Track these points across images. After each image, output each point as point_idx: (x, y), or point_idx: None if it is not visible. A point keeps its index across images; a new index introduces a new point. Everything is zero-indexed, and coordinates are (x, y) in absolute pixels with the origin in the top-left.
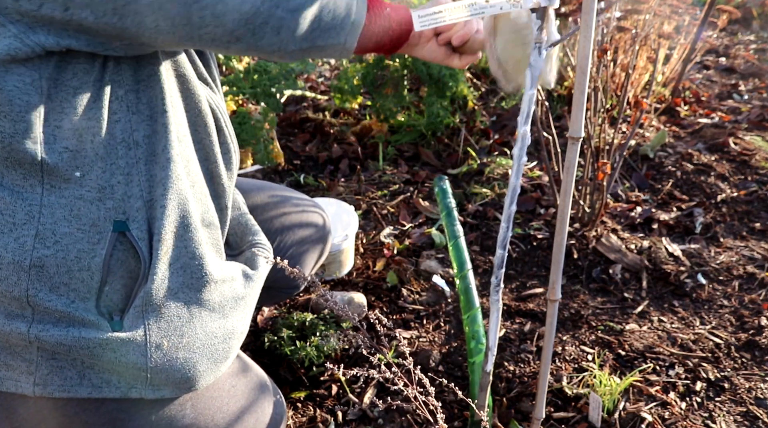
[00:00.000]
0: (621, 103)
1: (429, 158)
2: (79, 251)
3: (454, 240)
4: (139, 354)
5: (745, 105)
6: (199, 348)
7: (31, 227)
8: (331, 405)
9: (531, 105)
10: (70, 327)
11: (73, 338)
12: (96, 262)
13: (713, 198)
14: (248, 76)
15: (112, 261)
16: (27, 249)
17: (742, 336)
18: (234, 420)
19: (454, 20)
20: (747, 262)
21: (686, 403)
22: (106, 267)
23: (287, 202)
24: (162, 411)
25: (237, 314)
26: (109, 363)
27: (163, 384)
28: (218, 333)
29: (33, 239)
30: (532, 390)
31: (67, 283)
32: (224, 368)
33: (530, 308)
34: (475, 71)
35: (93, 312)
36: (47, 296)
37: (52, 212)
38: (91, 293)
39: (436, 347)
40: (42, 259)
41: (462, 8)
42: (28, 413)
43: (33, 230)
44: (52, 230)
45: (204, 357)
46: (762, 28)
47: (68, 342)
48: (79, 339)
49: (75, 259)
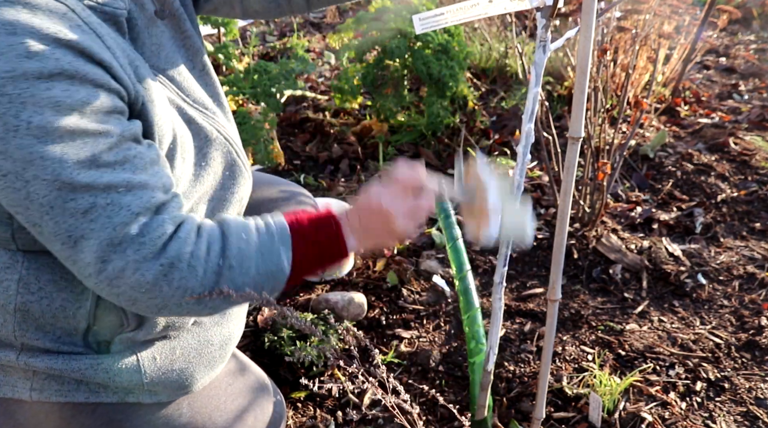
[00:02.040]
0: (621, 104)
1: (429, 158)
2: (63, 300)
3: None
4: (133, 371)
5: (745, 105)
6: (195, 358)
7: (14, 272)
8: (331, 405)
9: (535, 103)
10: (60, 355)
11: (64, 363)
12: (81, 312)
13: (713, 198)
14: (248, 76)
15: (99, 311)
16: (11, 294)
17: (742, 336)
18: (232, 418)
19: (455, 22)
20: (747, 262)
21: (686, 403)
22: (92, 316)
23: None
24: (159, 411)
25: (234, 320)
26: (104, 380)
27: (161, 391)
28: (215, 341)
29: (16, 284)
30: (532, 390)
31: (53, 324)
32: (220, 369)
33: (530, 308)
34: (475, 71)
35: (80, 345)
36: (34, 335)
37: (36, 257)
38: (78, 331)
39: (437, 347)
40: (26, 304)
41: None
42: (25, 417)
43: (16, 275)
44: (36, 276)
45: (201, 365)
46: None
47: (59, 367)
48: (70, 364)
49: (60, 308)
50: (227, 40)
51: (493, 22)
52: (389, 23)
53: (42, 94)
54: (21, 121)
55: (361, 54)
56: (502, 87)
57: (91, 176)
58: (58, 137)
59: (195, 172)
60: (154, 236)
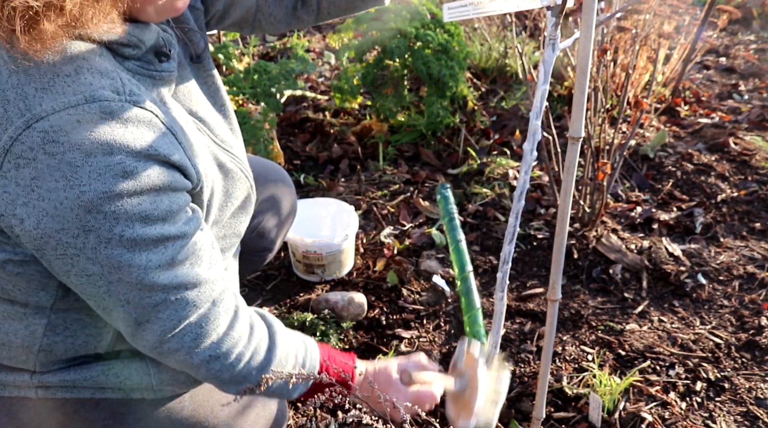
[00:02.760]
0: (621, 104)
1: (429, 158)
2: (87, 336)
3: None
4: (143, 374)
5: (745, 105)
6: None
7: (42, 317)
8: (331, 405)
9: (543, 101)
10: (71, 368)
11: (76, 374)
12: (102, 345)
13: (713, 198)
14: (248, 76)
15: (118, 341)
16: (38, 337)
17: (742, 335)
18: (234, 413)
19: (478, 14)
20: (747, 262)
21: (686, 403)
22: (111, 345)
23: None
24: (162, 404)
25: None
26: (114, 384)
27: (167, 387)
28: None
29: (44, 328)
30: (532, 390)
31: (73, 355)
32: None
33: (530, 308)
34: (475, 71)
35: (92, 356)
36: (52, 364)
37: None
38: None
39: (437, 347)
40: (51, 345)
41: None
42: (29, 415)
43: (45, 319)
44: (63, 318)
45: None
46: (762, 28)
47: (71, 378)
48: (81, 374)
49: (83, 343)
50: (227, 40)
51: (493, 22)
52: (389, 23)
53: (133, 209)
54: (113, 234)
55: (361, 54)
56: (502, 87)
57: (168, 278)
58: (145, 246)
59: (218, 215)
60: (211, 328)
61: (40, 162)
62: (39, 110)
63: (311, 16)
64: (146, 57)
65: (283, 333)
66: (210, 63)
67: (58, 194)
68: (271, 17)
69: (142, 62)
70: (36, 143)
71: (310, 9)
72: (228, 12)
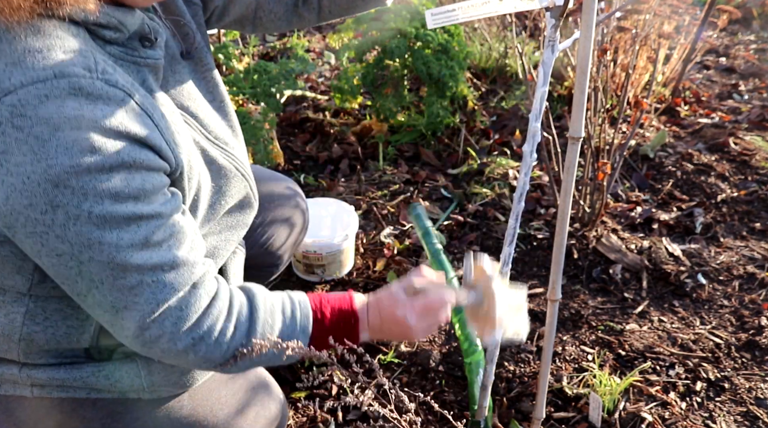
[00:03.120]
0: (621, 104)
1: (429, 158)
2: (68, 327)
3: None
4: (134, 376)
5: (745, 105)
6: None
7: (21, 305)
8: (331, 405)
9: (543, 102)
10: (62, 366)
11: (66, 373)
12: (85, 337)
13: (713, 198)
14: (248, 76)
15: (101, 333)
16: (17, 325)
17: (742, 335)
18: (233, 412)
19: (466, 19)
20: (747, 262)
21: (686, 403)
22: (95, 338)
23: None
24: (160, 404)
25: None
26: (105, 386)
27: (161, 388)
28: None
29: (23, 316)
30: (532, 390)
31: (56, 347)
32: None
33: (530, 308)
34: (475, 71)
35: (82, 356)
36: (37, 356)
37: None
38: (81, 349)
39: (437, 347)
40: (31, 334)
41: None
42: (26, 414)
43: (23, 308)
44: (43, 307)
45: None
46: (762, 28)
47: (60, 377)
48: (72, 374)
49: (64, 335)
50: (227, 40)
51: (493, 22)
52: (389, 23)
53: (102, 185)
54: (82, 211)
55: (361, 54)
56: (502, 87)
57: (143, 258)
58: (115, 224)
59: (209, 212)
60: (191, 311)
61: (8, 136)
62: (8, 85)
63: (312, 15)
64: (131, 44)
65: (263, 294)
66: (209, 60)
67: (25, 168)
68: (272, 14)
69: (126, 48)
70: (4, 117)
71: (311, 7)
72: (227, 8)
